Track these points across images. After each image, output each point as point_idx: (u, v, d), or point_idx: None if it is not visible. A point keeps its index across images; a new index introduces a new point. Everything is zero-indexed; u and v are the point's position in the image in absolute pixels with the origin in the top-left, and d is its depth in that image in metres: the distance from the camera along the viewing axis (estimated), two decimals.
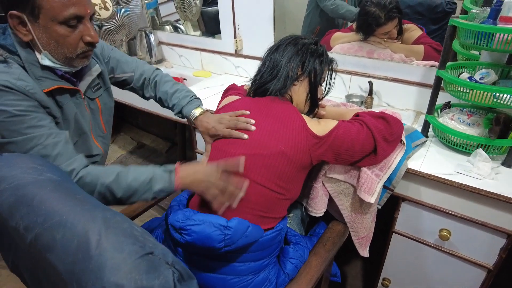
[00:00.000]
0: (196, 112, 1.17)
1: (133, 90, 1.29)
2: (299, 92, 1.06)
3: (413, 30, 1.56)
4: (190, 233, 0.88)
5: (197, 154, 1.83)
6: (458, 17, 1.10)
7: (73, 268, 0.52)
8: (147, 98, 1.31)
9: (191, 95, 1.23)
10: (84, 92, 1.05)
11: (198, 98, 1.24)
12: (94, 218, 0.56)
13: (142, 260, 0.52)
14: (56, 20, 0.84)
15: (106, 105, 1.16)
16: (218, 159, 1.01)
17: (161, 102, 1.27)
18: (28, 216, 0.58)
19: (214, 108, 1.25)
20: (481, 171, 1.07)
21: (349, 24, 1.73)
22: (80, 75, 1.03)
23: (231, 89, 1.31)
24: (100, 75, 1.10)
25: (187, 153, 2.49)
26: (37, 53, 0.90)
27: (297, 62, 1.03)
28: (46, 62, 0.90)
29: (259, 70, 1.09)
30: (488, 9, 1.04)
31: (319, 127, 1.00)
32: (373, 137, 1.00)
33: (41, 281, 0.63)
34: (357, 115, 1.09)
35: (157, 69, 1.33)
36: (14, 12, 0.83)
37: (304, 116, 1.02)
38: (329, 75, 1.10)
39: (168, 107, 1.25)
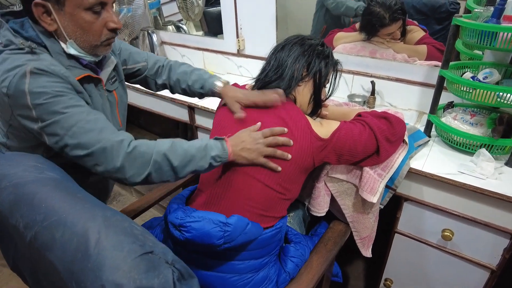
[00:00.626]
0: (220, 83, 1.15)
1: (144, 80, 1.27)
2: (303, 93, 1.05)
3: (416, 31, 1.56)
4: (189, 230, 0.88)
5: None
6: (461, 17, 1.09)
7: (72, 267, 0.52)
8: (158, 86, 1.28)
9: (209, 74, 1.23)
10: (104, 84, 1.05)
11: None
12: (94, 217, 0.56)
13: (142, 259, 0.52)
14: (82, 7, 0.85)
15: (122, 98, 1.15)
16: None
17: (177, 84, 1.24)
18: (28, 215, 0.58)
19: (215, 108, 1.25)
20: (484, 171, 1.06)
21: (352, 23, 1.73)
22: (101, 66, 1.03)
23: None
24: (115, 67, 1.09)
25: None
26: (61, 43, 0.90)
27: (303, 62, 1.02)
28: (72, 51, 0.90)
29: (264, 69, 1.08)
30: (492, 8, 1.04)
31: (322, 128, 1.00)
32: (376, 137, 1.00)
33: (41, 279, 0.63)
34: (359, 115, 1.08)
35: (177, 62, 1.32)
36: (39, 1, 0.82)
37: (308, 118, 1.01)
38: (333, 77, 1.09)
39: (186, 87, 1.22)
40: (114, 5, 0.94)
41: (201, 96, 1.22)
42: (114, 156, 0.82)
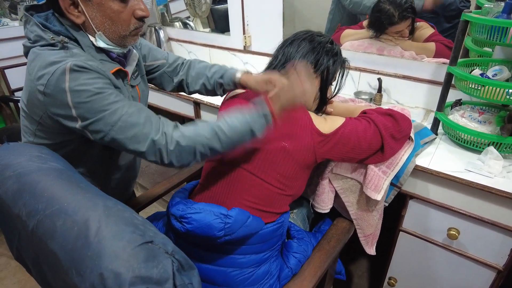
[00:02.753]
0: (239, 73, 1.11)
1: (160, 78, 1.23)
2: (310, 89, 1.04)
3: (425, 28, 1.54)
4: (190, 221, 0.88)
5: None
6: (471, 12, 1.07)
7: (72, 255, 0.52)
8: (175, 85, 1.24)
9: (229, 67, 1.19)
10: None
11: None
12: (95, 206, 0.56)
13: (141, 249, 0.52)
14: None
15: (144, 93, 1.14)
16: None
17: (195, 80, 1.20)
18: (31, 203, 0.59)
19: (220, 103, 1.25)
20: (492, 169, 1.05)
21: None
22: (126, 60, 1.02)
23: None
24: (137, 62, 1.08)
25: None
26: (90, 36, 0.89)
27: (311, 59, 1.01)
28: (101, 43, 0.89)
29: (271, 63, 1.07)
30: (502, 4, 1.02)
31: (326, 124, 0.99)
32: (380, 134, 0.98)
33: (44, 268, 0.64)
34: (364, 112, 1.07)
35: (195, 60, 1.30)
36: None
37: (311, 113, 1.00)
38: (340, 75, 1.08)
39: (205, 80, 1.18)
40: None
41: (220, 87, 1.16)
42: (161, 152, 0.82)
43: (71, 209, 0.56)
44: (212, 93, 1.20)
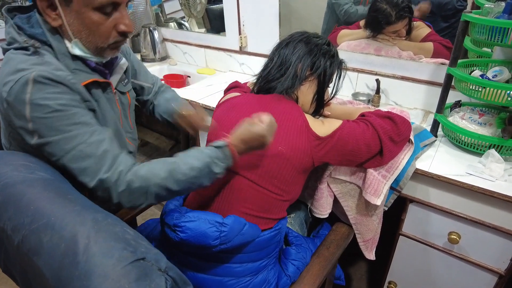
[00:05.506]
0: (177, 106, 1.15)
1: (142, 102, 1.25)
2: (307, 92, 1.02)
3: (422, 28, 1.52)
4: (184, 230, 0.85)
5: None
6: (471, 12, 1.05)
7: (59, 274, 0.49)
8: (150, 109, 1.26)
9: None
10: (116, 87, 1.00)
11: None
12: (84, 220, 0.53)
13: (133, 267, 0.49)
14: (90, 6, 0.77)
15: (134, 100, 1.12)
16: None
17: (159, 106, 1.23)
18: (16, 217, 0.56)
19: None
20: (493, 173, 1.03)
21: None
22: (111, 68, 0.97)
23: (233, 87, 1.27)
24: (126, 70, 1.05)
25: None
26: (66, 42, 0.83)
27: (308, 62, 0.98)
28: (77, 51, 0.83)
29: (266, 66, 1.05)
30: (503, 4, 1.00)
31: (323, 127, 0.96)
32: (379, 137, 0.96)
33: (32, 283, 0.61)
34: (362, 115, 1.05)
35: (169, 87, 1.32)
36: None
37: (308, 116, 0.98)
38: (337, 77, 1.06)
39: (164, 114, 1.21)
40: (129, 4, 0.87)
41: (170, 125, 1.20)
42: (110, 191, 0.77)
43: (58, 224, 0.53)
44: (163, 121, 1.23)
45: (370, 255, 1.21)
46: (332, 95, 1.08)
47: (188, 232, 0.85)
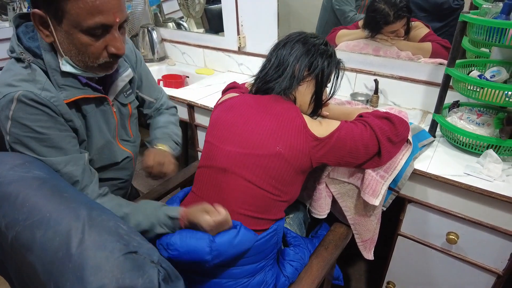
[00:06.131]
0: (159, 144, 1.15)
1: (140, 113, 1.25)
2: (305, 93, 1.02)
3: (420, 28, 1.53)
4: (175, 248, 0.85)
5: (198, 152, 1.80)
6: (469, 13, 1.05)
7: (51, 268, 0.49)
8: (145, 122, 1.28)
9: (175, 138, 1.21)
10: (116, 97, 1.00)
11: (178, 144, 1.22)
12: (78, 216, 0.54)
13: (126, 258, 0.50)
14: (79, 28, 0.76)
15: (136, 111, 1.13)
16: (210, 155, 0.98)
17: (150, 124, 1.26)
18: (10, 214, 0.56)
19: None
20: (491, 173, 1.03)
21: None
22: (109, 80, 0.97)
23: (231, 88, 1.27)
24: (130, 80, 1.05)
25: (189, 152, 2.46)
26: (59, 57, 0.85)
27: (305, 62, 0.98)
28: (67, 68, 0.84)
29: (264, 67, 1.05)
30: (501, 4, 1.00)
31: (321, 128, 0.96)
32: (377, 138, 0.96)
33: (26, 283, 0.61)
34: (361, 115, 1.05)
35: (174, 107, 1.32)
36: (37, 11, 0.76)
37: (306, 117, 0.98)
38: (335, 76, 1.06)
39: (150, 129, 1.24)
40: (124, 25, 0.86)
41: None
42: None
43: (53, 220, 0.53)
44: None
45: (369, 255, 1.21)
46: (330, 95, 1.08)
47: (178, 251, 0.84)
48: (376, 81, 1.52)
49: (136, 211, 0.89)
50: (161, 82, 2.12)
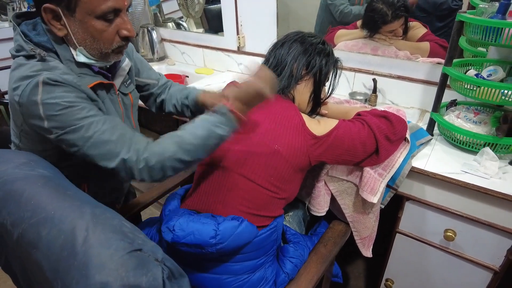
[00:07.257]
0: (199, 93, 1.15)
1: (147, 98, 1.25)
2: (303, 91, 1.03)
3: (418, 28, 1.54)
4: (181, 229, 0.86)
5: None
6: (465, 12, 1.06)
7: (57, 266, 0.50)
8: (157, 105, 1.26)
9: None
10: (119, 88, 1.03)
11: None
12: (83, 214, 0.55)
13: (130, 257, 0.50)
14: (93, 14, 0.80)
15: (137, 100, 1.14)
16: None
17: (169, 100, 1.23)
18: (15, 212, 0.57)
19: None
20: (488, 170, 1.04)
21: None
22: (113, 71, 1.00)
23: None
24: (129, 70, 1.07)
25: None
26: (72, 49, 0.87)
27: (303, 61, 0.99)
28: (81, 58, 0.87)
29: None
30: (497, 4, 1.01)
31: (319, 126, 0.97)
32: (375, 136, 0.97)
33: (31, 280, 0.62)
34: (359, 114, 1.06)
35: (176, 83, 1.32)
36: (48, 5, 0.78)
37: (304, 115, 0.99)
38: (333, 75, 1.07)
39: (176, 101, 1.21)
40: (129, 9, 0.90)
41: (187, 109, 1.20)
42: (132, 170, 0.83)
43: (58, 218, 0.54)
44: (182, 114, 1.23)
45: (367, 252, 1.22)
46: (329, 93, 1.09)
47: (184, 232, 0.86)
48: (374, 80, 1.53)
49: (188, 128, 0.87)
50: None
